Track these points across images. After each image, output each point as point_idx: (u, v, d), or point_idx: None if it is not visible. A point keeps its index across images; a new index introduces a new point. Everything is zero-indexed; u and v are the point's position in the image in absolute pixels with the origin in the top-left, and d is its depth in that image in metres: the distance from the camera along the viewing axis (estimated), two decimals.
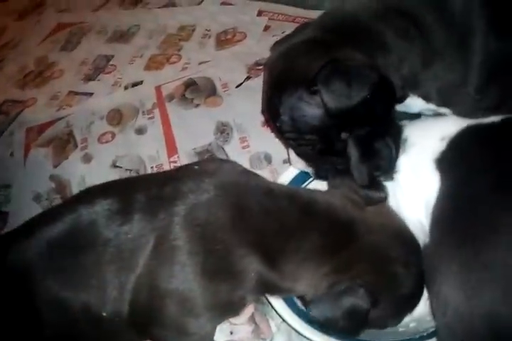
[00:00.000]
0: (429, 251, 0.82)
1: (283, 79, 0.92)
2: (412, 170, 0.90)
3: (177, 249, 0.81)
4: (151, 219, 0.83)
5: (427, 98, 0.97)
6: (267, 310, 1.08)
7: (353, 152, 0.91)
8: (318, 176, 1.03)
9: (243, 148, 1.40)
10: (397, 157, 0.92)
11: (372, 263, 0.83)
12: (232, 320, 1.05)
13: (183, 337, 0.86)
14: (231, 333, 1.07)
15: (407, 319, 0.95)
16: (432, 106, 0.99)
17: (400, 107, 1.00)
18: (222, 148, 1.41)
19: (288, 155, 1.05)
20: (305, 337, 0.91)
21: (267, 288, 0.87)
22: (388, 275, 0.83)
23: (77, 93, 1.76)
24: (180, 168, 1.14)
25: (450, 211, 0.80)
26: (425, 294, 0.98)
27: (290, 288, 0.87)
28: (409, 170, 0.91)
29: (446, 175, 0.83)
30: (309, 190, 0.98)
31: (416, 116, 1.15)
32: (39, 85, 1.86)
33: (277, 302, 0.95)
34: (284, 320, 0.96)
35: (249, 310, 1.05)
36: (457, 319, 0.73)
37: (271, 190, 0.89)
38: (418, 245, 0.89)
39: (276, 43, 1.04)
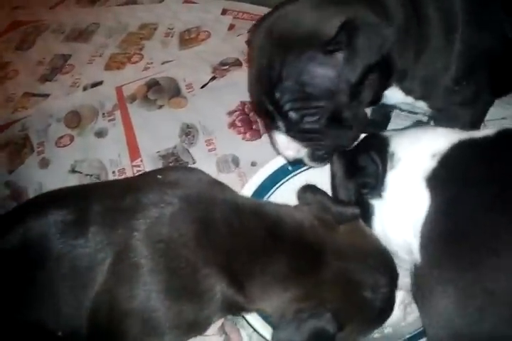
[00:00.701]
0: (423, 272, 0.78)
1: (288, 39, 0.85)
2: (402, 188, 0.85)
3: (138, 267, 0.76)
4: (109, 233, 0.78)
5: (407, 90, 0.97)
6: (237, 319, 1.05)
7: (337, 168, 0.88)
8: (314, 158, 0.96)
9: (210, 150, 1.36)
10: (384, 173, 0.87)
11: (340, 289, 0.80)
12: None
13: None
14: None
15: None
16: (409, 100, 0.99)
17: None
18: (188, 151, 1.37)
19: (274, 143, 0.98)
20: None
21: (233, 308, 0.84)
22: (356, 301, 0.81)
23: (33, 94, 1.70)
24: (142, 176, 1.09)
25: (445, 231, 0.76)
26: (399, 298, 0.96)
27: (257, 309, 0.85)
28: (398, 188, 0.86)
29: (438, 193, 0.79)
30: (277, 205, 0.93)
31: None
32: None
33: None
34: (255, 330, 0.93)
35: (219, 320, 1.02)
36: None
37: (238, 206, 0.85)
38: (390, 263, 0.86)
39: (260, 18, 0.97)
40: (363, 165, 0.88)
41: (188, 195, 0.83)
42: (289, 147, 0.95)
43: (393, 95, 0.98)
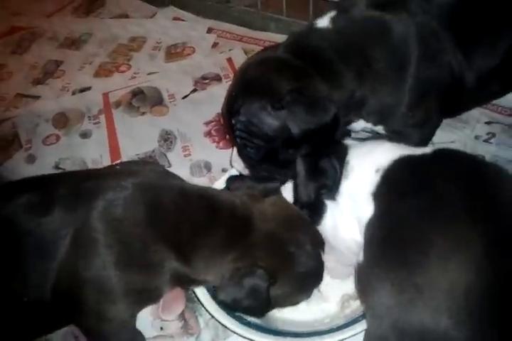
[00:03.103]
0: (364, 270, 0.88)
1: (253, 85, 1.01)
2: (350, 197, 0.97)
3: (95, 241, 0.87)
4: (72, 212, 0.89)
5: (367, 119, 1.11)
6: (196, 307, 1.14)
7: (300, 170, 1.00)
8: (253, 178, 1.11)
9: (185, 156, 1.47)
10: (340, 177, 1.00)
11: (268, 248, 0.92)
12: (163, 316, 1.10)
13: (103, 323, 0.91)
14: (161, 329, 1.13)
15: (322, 315, 1.06)
16: (369, 125, 1.13)
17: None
18: (165, 155, 1.48)
19: (231, 153, 1.13)
20: (231, 330, 1.01)
21: (181, 280, 0.95)
22: (283, 255, 0.93)
23: (24, 95, 1.77)
24: (103, 167, 1.22)
25: (383, 235, 0.87)
26: (337, 298, 1.09)
27: (202, 280, 0.96)
28: (347, 196, 0.98)
29: (379, 204, 0.90)
30: (218, 189, 1.09)
31: None
32: None
33: (206, 300, 1.03)
34: (212, 316, 1.03)
35: (179, 307, 1.10)
36: (392, 334, 0.79)
37: (184, 189, 0.97)
38: (310, 226, 1.00)
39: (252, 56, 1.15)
40: (325, 168, 0.99)
41: (141, 182, 0.94)
42: (237, 161, 1.10)
43: (356, 124, 1.13)
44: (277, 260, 0.92)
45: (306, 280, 0.97)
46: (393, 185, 0.91)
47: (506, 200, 0.80)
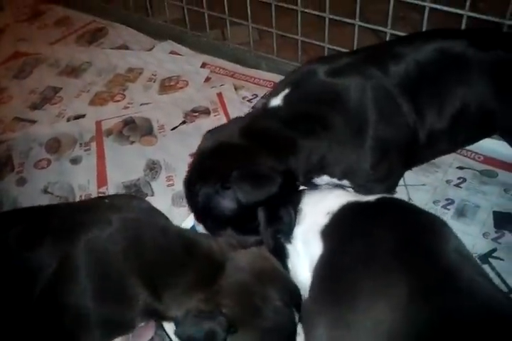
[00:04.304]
0: (307, 306, 0.95)
1: (205, 173, 1.07)
2: (303, 239, 1.04)
3: (76, 269, 0.93)
4: (60, 243, 0.95)
5: (332, 175, 1.17)
6: (165, 335, 1.14)
7: (260, 218, 1.06)
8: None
9: (168, 185, 1.53)
10: (294, 223, 1.07)
11: (235, 297, 0.95)
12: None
13: None
14: None
15: None
16: (335, 180, 1.19)
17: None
18: (149, 184, 1.53)
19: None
20: None
21: (153, 314, 1.00)
22: (249, 307, 0.94)
23: (21, 119, 1.83)
24: (93, 199, 1.29)
25: (324, 275, 0.93)
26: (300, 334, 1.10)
27: (174, 316, 0.98)
28: (301, 238, 1.05)
29: (326, 245, 0.97)
30: (196, 233, 1.14)
31: None
32: None
33: (170, 329, 1.04)
34: None
35: (149, 333, 1.15)
36: None
37: (165, 228, 1.03)
38: (283, 282, 1.02)
39: (209, 132, 1.20)
40: (281, 216, 1.06)
41: (126, 218, 1.01)
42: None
43: (321, 179, 1.19)
44: (241, 311, 0.94)
45: (271, 337, 0.96)
46: (338, 227, 0.98)
47: (438, 252, 0.86)
